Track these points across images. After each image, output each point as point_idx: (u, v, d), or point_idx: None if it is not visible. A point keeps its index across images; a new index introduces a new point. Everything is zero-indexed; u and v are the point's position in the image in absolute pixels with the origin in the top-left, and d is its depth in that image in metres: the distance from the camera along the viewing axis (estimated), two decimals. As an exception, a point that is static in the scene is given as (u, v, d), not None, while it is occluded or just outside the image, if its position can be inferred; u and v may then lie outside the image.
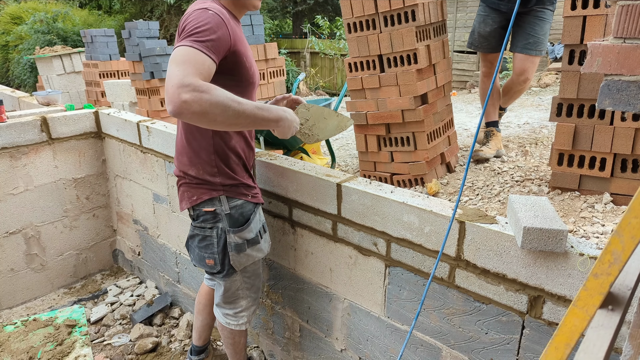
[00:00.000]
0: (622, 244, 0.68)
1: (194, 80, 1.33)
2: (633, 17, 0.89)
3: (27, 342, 2.51)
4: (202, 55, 1.41)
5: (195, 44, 1.40)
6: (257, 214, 1.83)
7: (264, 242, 1.88)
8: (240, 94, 1.55)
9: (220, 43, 1.47)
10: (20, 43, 12.78)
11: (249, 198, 1.78)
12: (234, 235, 1.76)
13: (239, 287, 1.89)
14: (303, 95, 10.76)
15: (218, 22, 1.47)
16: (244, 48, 1.62)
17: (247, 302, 1.94)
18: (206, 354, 2.34)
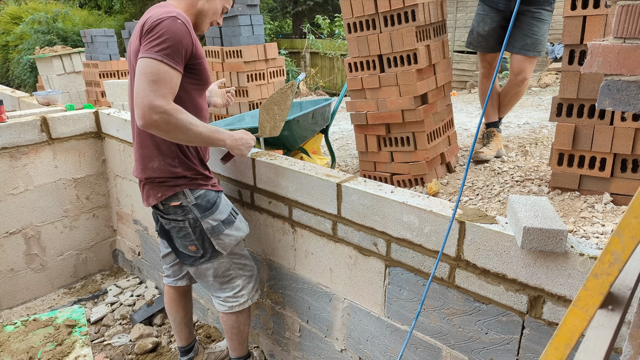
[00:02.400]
0: (622, 244, 0.68)
1: (164, 104, 1.57)
2: (633, 17, 0.89)
3: (27, 342, 2.51)
4: (172, 72, 1.60)
5: (166, 58, 1.58)
6: (221, 198, 1.95)
7: (239, 221, 1.98)
8: (199, 92, 1.81)
9: (186, 53, 1.65)
10: (20, 43, 12.79)
11: (209, 187, 1.91)
12: (207, 220, 1.86)
13: (229, 267, 1.98)
14: (303, 96, 10.75)
15: (185, 33, 1.62)
16: (202, 51, 1.78)
17: (243, 281, 2.02)
18: (195, 352, 2.35)
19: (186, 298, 2.28)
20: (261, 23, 6.63)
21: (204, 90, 1.90)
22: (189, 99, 1.80)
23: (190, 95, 1.81)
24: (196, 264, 1.94)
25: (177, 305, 2.25)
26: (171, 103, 1.60)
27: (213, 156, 2.32)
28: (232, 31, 6.51)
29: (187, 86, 1.76)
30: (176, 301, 2.25)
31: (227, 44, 6.58)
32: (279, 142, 3.35)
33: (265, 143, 3.29)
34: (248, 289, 2.05)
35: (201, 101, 1.90)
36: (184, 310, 2.27)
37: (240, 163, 2.18)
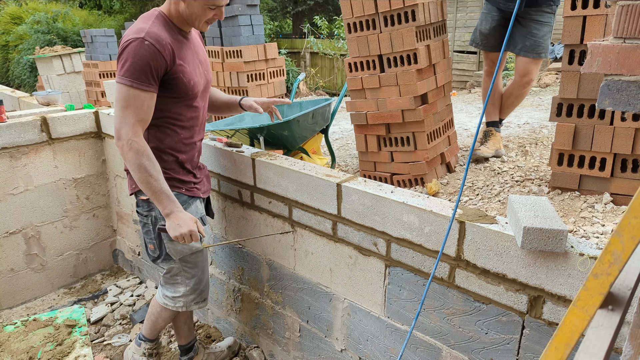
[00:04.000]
0: (622, 244, 0.68)
1: (130, 135, 1.67)
2: (633, 17, 0.89)
3: (27, 342, 2.51)
4: (141, 95, 1.66)
5: (135, 82, 1.64)
6: (191, 205, 1.94)
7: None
8: (179, 105, 1.79)
9: (158, 71, 1.67)
10: (20, 43, 12.79)
11: (183, 190, 1.92)
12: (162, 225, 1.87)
13: (178, 273, 2.00)
14: (303, 95, 10.75)
15: (153, 54, 1.63)
16: (183, 64, 1.75)
17: (185, 290, 2.03)
18: (195, 352, 2.35)
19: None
20: (261, 23, 6.63)
21: (189, 102, 1.85)
22: (171, 114, 1.82)
23: (171, 110, 1.82)
24: (155, 263, 2.02)
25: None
26: (138, 135, 1.68)
27: (213, 156, 2.32)
28: (232, 31, 6.51)
29: (166, 100, 1.78)
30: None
31: (227, 44, 6.58)
32: (279, 142, 3.35)
33: (265, 143, 3.30)
34: (188, 299, 2.05)
35: (189, 114, 1.87)
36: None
37: (240, 163, 2.18)
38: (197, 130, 1.97)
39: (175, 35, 1.75)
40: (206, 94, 1.99)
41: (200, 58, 1.92)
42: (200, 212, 1.99)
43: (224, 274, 2.56)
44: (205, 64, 1.97)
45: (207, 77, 1.96)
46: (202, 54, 1.95)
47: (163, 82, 1.73)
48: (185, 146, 1.92)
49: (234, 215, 2.34)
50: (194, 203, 1.96)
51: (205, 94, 1.97)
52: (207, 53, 6.79)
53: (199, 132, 1.99)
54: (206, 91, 1.98)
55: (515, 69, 3.40)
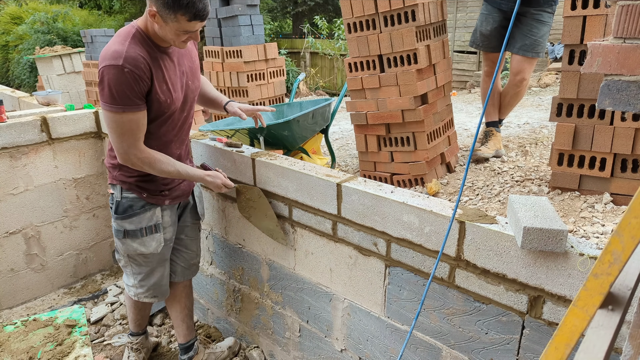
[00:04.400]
0: (622, 244, 0.68)
1: (139, 154, 1.76)
2: (633, 17, 0.89)
3: (27, 342, 2.50)
4: (135, 116, 1.69)
5: (126, 108, 1.66)
6: (149, 211, 1.96)
7: (150, 239, 1.99)
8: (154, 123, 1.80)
9: (142, 91, 1.69)
10: (20, 43, 12.78)
11: (144, 196, 1.94)
12: (114, 221, 1.98)
13: (126, 265, 2.10)
14: (303, 96, 10.75)
15: (135, 79, 1.64)
16: (161, 83, 1.74)
17: (134, 282, 2.13)
18: (195, 351, 2.36)
19: (183, 294, 2.30)
20: (261, 23, 6.63)
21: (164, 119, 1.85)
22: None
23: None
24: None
25: (173, 299, 2.29)
26: (143, 151, 1.77)
27: (213, 156, 2.32)
28: (232, 31, 6.51)
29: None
30: (172, 296, 2.28)
31: (227, 44, 6.58)
32: (279, 142, 3.35)
33: (265, 143, 3.30)
34: (137, 290, 2.13)
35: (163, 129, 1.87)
36: (180, 305, 2.30)
37: (240, 163, 2.18)
38: (174, 141, 1.95)
39: (153, 52, 1.71)
40: (189, 104, 1.94)
41: (184, 68, 1.87)
42: (154, 220, 1.98)
43: (224, 274, 2.56)
44: (191, 72, 1.93)
45: (190, 86, 1.91)
46: (187, 63, 1.90)
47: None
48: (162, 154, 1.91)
49: (234, 215, 2.34)
50: (151, 210, 1.97)
51: (188, 105, 1.93)
52: (204, 53, 6.78)
53: (177, 142, 1.97)
54: (189, 102, 1.94)
55: (510, 68, 3.41)
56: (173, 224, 2.08)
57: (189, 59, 1.92)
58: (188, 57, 1.92)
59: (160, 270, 2.12)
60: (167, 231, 2.05)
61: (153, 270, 2.10)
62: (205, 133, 2.52)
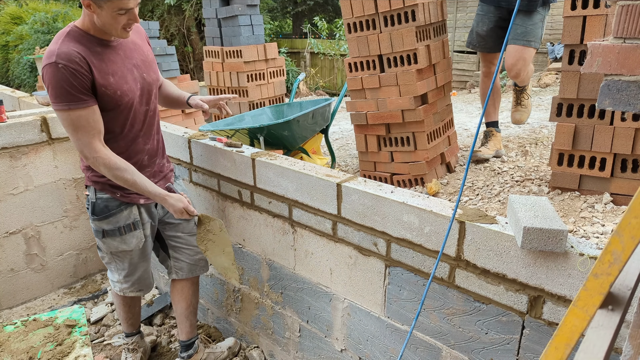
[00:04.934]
0: (622, 244, 0.68)
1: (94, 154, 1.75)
2: (633, 17, 0.89)
3: (27, 342, 2.50)
4: (86, 112, 1.69)
5: (71, 105, 1.66)
6: (125, 211, 1.97)
7: (130, 237, 2.01)
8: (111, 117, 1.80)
9: (84, 85, 1.68)
10: (20, 43, 12.77)
11: (118, 196, 1.95)
12: (92, 222, 2.00)
13: (109, 262, 2.12)
14: (303, 95, 10.75)
15: (69, 75, 1.63)
16: (105, 76, 1.74)
17: (118, 277, 2.16)
18: (195, 350, 2.37)
19: (190, 291, 2.31)
20: (261, 23, 6.63)
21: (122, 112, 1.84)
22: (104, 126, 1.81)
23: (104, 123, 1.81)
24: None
25: (180, 296, 2.30)
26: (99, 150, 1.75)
27: (213, 156, 2.32)
28: (232, 31, 6.51)
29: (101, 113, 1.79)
30: (179, 293, 2.30)
31: (227, 44, 6.58)
32: (279, 142, 3.35)
33: (265, 143, 3.30)
34: (122, 285, 2.18)
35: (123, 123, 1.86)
36: (186, 303, 2.31)
37: (240, 163, 2.18)
38: (140, 136, 1.94)
39: (93, 47, 1.72)
40: (148, 97, 1.93)
41: (136, 62, 1.87)
42: (132, 218, 1.99)
43: (224, 274, 2.56)
44: (145, 66, 1.92)
45: (146, 79, 1.90)
46: (139, 56, 1.89)
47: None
48: (124, 154, 1.90)
49: (234, 215, 2.34)
50: (127, 209, 1.97)
51: (146, 97, 1.92)
52: (204, 54, 6.77)
53: (144, 137, 1.97)
54: (147, 95, 1.92)
55: (505, 62, 3.22)
56: (152, 219, 2.10)
57: (140, 53, 1.91)
58: (139, 51, 1.91)
59: (143, 264, 2.15)
60: (145, 227, 2.06)
61: (137, 265, 2.13)
62: (205, 133, 2.52)
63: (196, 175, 2.47)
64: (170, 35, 13.49)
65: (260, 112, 3.99)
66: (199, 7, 12.68)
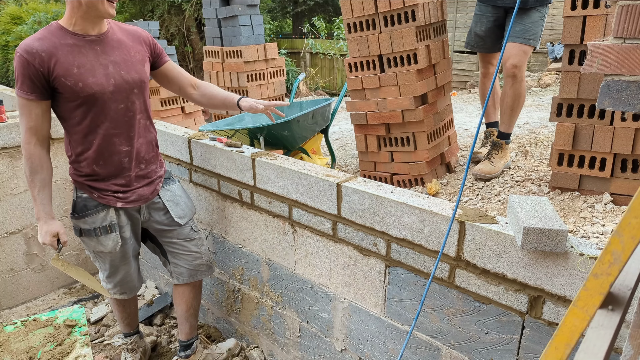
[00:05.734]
0: (622, 244, 0.68)
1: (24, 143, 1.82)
2: (633, 17, 0.89)
3: (27, 342, 2.50)
4: (28, 103, 1.77)
5: (20, 92, 1.75)
6: (101, 212, 1.98)
7: (105, 239, 2.01)
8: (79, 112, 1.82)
9: (35, 79, 1.73)
10: (20, 43, 12.76)
11: (95, 197, 1.96)
12: (71, 219, 2.02)
13: (95, 260, 2.15)
14: (303, 95, 10.75)
15: (24, 62, 1.71)
16: (67, 67, 1.76)
17: (104, 277, 2.20)
18: (193, 350, 2.38)
19: (190, 295, 2.30)
20: (261, 23, 6.63)
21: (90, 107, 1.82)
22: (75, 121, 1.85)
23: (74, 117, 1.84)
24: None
25: (180, 299, 2.31)
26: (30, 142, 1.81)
27: (213, 156, 2.32)
28: (232, 31, 6.51)
29: (67, 108, 1.83)
30: (176, 295, 2.32)
31: (227, 44, 6.58)
32: (279, 142, 3.35)
33: (265, 143, 3.30)
34: (106, 285, 2.20)
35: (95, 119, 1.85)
36: (186, 306, 2.31)
37: (240, 163, 2.18)
38: (115, 135, 1.90)
39: (65, 39, 1.76)
40: (125, 95, 1.89)
41: (114, 59, 1.86)
42: (108, 220, 1.98)
43: (224, 274, 2.56)
44: (126, 64, 1.89)
45: (124, 77, 1.87)
46: (120, 55, 1.88)
47: (55, 89, 1.78)
48: (101, 155, 1.90)
49: (234, 215, 2.34)
50: (103, 211, 1.97)
51: (123, 95, 1.88)
52: (204, 54, 6.76)
53: (121, 138, 1.92)
54: (124, 93, 1.88)
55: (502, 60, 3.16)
56: (132, 223, 2.07)
57: (123, 52, 1.90)
58: (123, 50, 1.90)
59: (124, 268, 2.15)
60: (124, 230, 2.04)
61: (118, 268, 2.13)
62: (205, 133, 2.52)
63: (196, 175, 2.47)
64: (170, 35, 13.49)
65: (260, 112, 3.98)
66: (199, 7, 12.68)
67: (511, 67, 2.99)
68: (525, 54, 3.00)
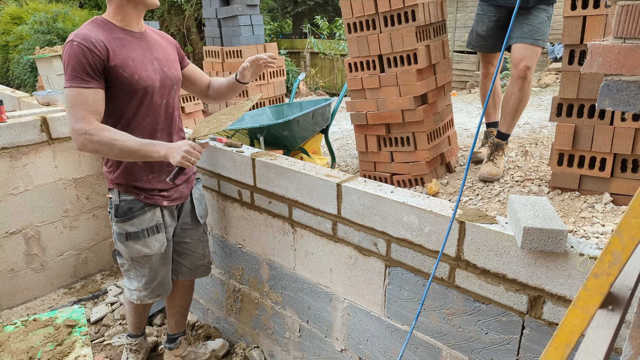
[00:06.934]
0: (622, 244, 0.68)
1: (84, 126, 1.67)
2: (633, 17, 0.89)
3: (27, 342, 2.50)
4: (84, 92, 1.67)
5: (73, 82, 1.66)
6: (148, 213, 1.96)
7: (152, 240, 1.99)
8: (132, 104, 1.80)
9: (94, 66, 1.68)
10: (20, 43, 12.77)
11: (141, 197, 1.94)
12: (115, 225, 1.97)
13: (129, 269, 2.09)
14: (303, 96, 10.75)
15: (82, 52, 1.66)
16: (123, 59, 1.76)
17: (137, 285, 2.11)
18: (176, 345, 2.42)
19: (179, 293, 2.33)
20: (261, 23, 6.63)
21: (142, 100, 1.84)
22: (126, 115, 1.82)
23: (125, 110, 1.82)
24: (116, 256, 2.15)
25: (170, 296, 2.33)
26: (93, 123, 1.67)
27: (213, 156, 2.32)
28: (232, 31, 6.51)
29: (118, 101, 1.80)
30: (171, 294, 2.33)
31: (227, 44, 6.59)
32: (279, 142, 3.35)
33: (266, 143, 3.30)
34: (141, 294, 2.12)
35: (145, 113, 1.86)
36: (173, 303, 2.35)
37: (240, 163, 2.18)
38: (159, 130, 1.93)
39: (114, 34, 1.76)
40: (168, 91, 1.92)
41: (157, 55, 1.90)
42: (155, 220, 1.98)
43: (224, 274, 2.56)
44: (167, 60, 1.94)
45: (167, 73, 1.91)
46: (161, 52, 1.92)
47: (108, 81, 1.74)
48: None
49: (234, 215, 2.34)
50: (150, 211, 1.96)
51: (167, 91, 1.92)
52: (204, 54, 6.76)
53: (163, 133, 1.95)
54: (167, 88, 1.92)
55: (511, 61, 3.09)
56: (173, 223, 2.09)
57: (162, 50, 1.95)
58: (161, 48, 1.95)
59: (163, 270, 2.12)
60: (168, 230, 2.05)
61: (157, 271, 2.09)
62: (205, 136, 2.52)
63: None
64: (171, 35, 13.48)
65: (260, 112, 3.99)
66: (199, 7, 12.68)
67: (524, 69, 2.98)
68: (536, 55, 3.00)
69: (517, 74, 3.02)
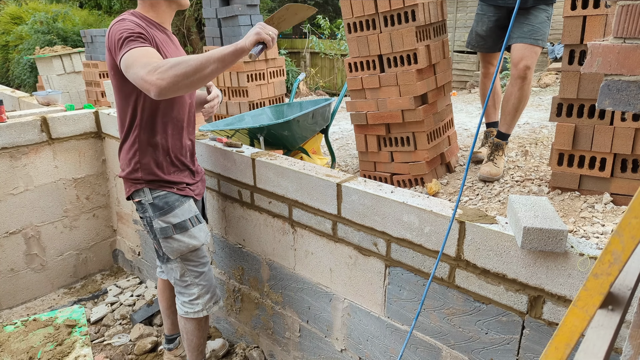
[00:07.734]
0: (622, 244, 0.68)
1: (151, 63, 1.50)
2: (633, 17, 0.89)
3: (27, 342, 2.50)
4: (143, 49, 1.58)
5: (131, 44, 1.57)
6: (185, 203, 1.94)
7: (197, 230, 1.96)
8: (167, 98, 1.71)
9: (146, 37, 1.65)
10: (20, 43, 12.77)
11: (174, 190, 1.92)
12: (158, 220, 1.89)
13: (184, 274, 2.00)
14: (303, 95, 10.75)
15: (135, 23, 1.67)
16: (162, 51, 1.75)
17: (199, 290, 2.03)
18: (175, 345, 2.43)
19: (166, 291, 2.33)
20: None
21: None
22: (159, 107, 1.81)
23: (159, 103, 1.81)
24: (161, 262, 2.05)
25: (162, 295, 2.34)
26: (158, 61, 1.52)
27: (213, 156, 2.32)
28: (232, 31, 6.51)
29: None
30: (161, 291, 2.33)
31: (227, 43, 6.56)
32: (279, 142, 3.35)
33: (265, 143, 3.30)
34: (204, 299, 2.05)
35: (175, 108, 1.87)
36: (167, 302, 2.34)
37: (240, 163, 2.18)
38: (184, 127, 1.96)
39: (151, 28, 1.77)
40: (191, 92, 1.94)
41: (180, 54, 1.92)
42: (194, 211, 1.98)
43: (224, 274, 2.56)
44: None
45: None
46: (181, 51, 1.97)
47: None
48: (175, 143, 1.92)
49: (234, 215, 2.34)
50: (187, 202, 1.96)
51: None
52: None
53: (187, 130, 1.98)
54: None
55: (511, 61, 3.09)
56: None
57: (181, 50, 1.99)
58: (180, 48, 2.00)
59: (209, 266, 2.08)
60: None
61: (209, 267, 2.05)
62: (205, 133, 2.52)
63: (196, 175, 2.47)
64: (170, 35, 13.48)
65: (260, 112, 3.99)
66: (199, 7, 12.68)
67: (524, 69, 2.97)
68: (535, 54, 2.99)
69: (517, 74, 3.01)
